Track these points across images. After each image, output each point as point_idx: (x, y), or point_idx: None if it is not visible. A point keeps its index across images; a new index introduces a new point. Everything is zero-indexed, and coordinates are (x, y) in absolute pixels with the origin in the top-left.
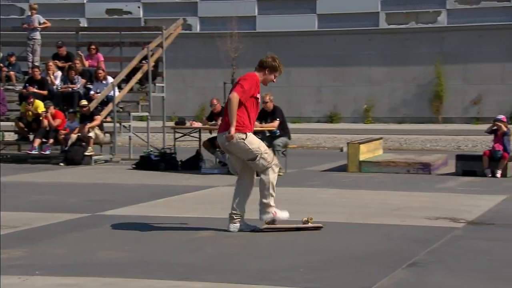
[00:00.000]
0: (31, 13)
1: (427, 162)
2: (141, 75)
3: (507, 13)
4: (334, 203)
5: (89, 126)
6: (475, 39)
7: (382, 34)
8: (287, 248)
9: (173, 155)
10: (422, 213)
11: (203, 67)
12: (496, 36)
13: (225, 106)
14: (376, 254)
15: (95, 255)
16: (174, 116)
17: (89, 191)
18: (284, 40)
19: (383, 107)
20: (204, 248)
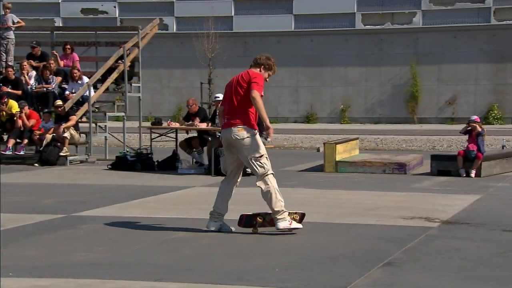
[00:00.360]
0: (5, 12)
1: (403, 162)
2: (117, 75)
3: (481, 14)
4: (310, 203)
5: (64, 126)
6: (449, 40)
7: (358, 34)
8: (262, 248)
9: (149, 156)
10: (397, 213)
11: (179, 67)
12: (470, 37)
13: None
14: (351, 254)
15: (70, 256)
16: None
17: (64, 192)
18: (261, 40)
19: (359, 108)
20: (180, 248)
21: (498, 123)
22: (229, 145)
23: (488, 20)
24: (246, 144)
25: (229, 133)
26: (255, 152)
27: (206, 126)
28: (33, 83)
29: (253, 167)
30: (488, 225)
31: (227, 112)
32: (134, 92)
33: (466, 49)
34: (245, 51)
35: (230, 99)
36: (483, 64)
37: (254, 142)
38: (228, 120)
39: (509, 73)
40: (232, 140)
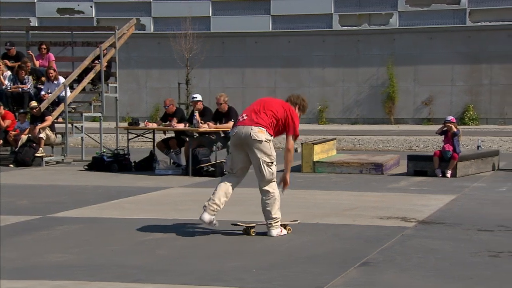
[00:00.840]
0: None
1: (380, 163)
2: (94, 75)
3: (456, 15)
4: (287, 203)
5: (40, 127)
6: (426, 41)
7: (335, 35)
8: (240, 249)
9: (126, 156)
10: (374, 213)
11: (157, 67)
12: (446, 38)
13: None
14: (328, 254)
15: (45, 258)
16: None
17: (40, 193)
18: (239, 40)
19: (336, 108)
20: (157, 249)
21: (474, 123)
22: (243, 143)
23: (463, 22)
24: (262, 147)
25: (248, 131)
26: (268, 157)
27: (184, 126)
28: (8, 83)
29: (262, 170)
30: (464, 225)
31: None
32: (111, 93)
33: (442, 50)
34: (223, 51)
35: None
36: (458, 65)
37: (269, 147)
38: (248, 118)
39: (484, 74)
40: (249, 139)
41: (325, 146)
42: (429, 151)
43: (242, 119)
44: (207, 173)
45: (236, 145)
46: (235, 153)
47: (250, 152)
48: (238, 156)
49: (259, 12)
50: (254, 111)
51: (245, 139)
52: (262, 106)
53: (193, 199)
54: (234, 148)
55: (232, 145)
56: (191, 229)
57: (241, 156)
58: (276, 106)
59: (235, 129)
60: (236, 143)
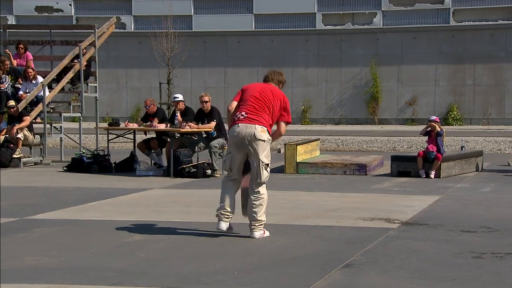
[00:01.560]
0: None
1: (363, 163)
2: (73, 75)
3: (440, 15)
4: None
5: (17, 127)
6: (409, 40)
7: (319, 35)
8: (221, 251)
9: (106, 157)
10: (357, 214)
11: (137, 66)
12: (430, 38)
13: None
14: (310, 256)
15: (22, 261)
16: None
17: (17, 194)
18: (221, 40)
19: (320, 108)
20: (136, 252)
21: (457, 124)
22: (244, 142)
23: (447, 21)
24: (263, 147)
25: (252, 130)
26: (266, 158)
27: (165, 127)
28: None
29: (259, 171)
30: (447, 226)
31: (249, 109)
32: (90, 92)
33: (425, 50)
34: (205, 50)
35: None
36: (442, 65)
37: (268, 149)
38: (249, 116)
39: (467, 74)
40: (252, 138)
41: (308, 146)
42: (413, 152)
43: (242, 117)
44: (188, 174)
45: (237, 144)
46: (235, 152)
47: (250, 152)
48: (238, 155)
49: (241, 11)
50: (255, 109)
51: (248, 138)
52: (261, 103)
53: (174, 201)
54: (235, 147)
55: (232, 144)
56: (172, 231)
57: (241, 155)
58: (274, 100)
59: (236, 127)
60: (237, 142)
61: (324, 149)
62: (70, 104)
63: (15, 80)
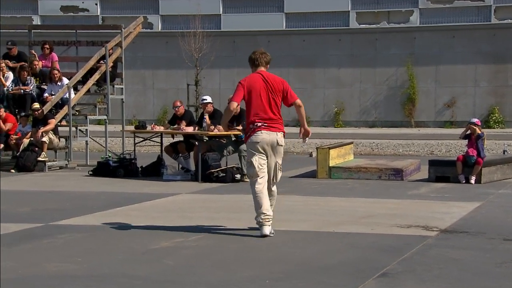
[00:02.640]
0: None
1: (399, 168)
2: (99, 76)
3: (480, 13)
4: (300, 210)
5: (42, 130)
6: (447, 39)
7: (352, 34)
8: (250, 258)
9: (132, 161)
10: (393, 221)
11: (164, 67)
12: (470, 36)
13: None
14: (344, 264)
15: (46, 268)
16: (134, 120)
17: (42, 199)
18: (250, 40)
19: (353, 110)
20: (163, 259)
21: (499, 126)
22: (267, 148)
23: (488, 19)
24: (282, 151)
25: (275, 137)
26: (281, 160)
27: (193, 130)
28: (9, 85)
29: (277, 173)
30: (488, 234)
31: (265, 117)
32: (116, 94)
33: (464, 49)
34: (234, 51)
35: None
36: (482, 65)
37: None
38: (269, 124)
39: (510, 74)
40: (276, 145)
41: (341, 150)
42: (451, 156)
43: (263, 125)
44: (217, 179)
45: (262, 150)
46: (260, 158)
47: (270, 156)
48: (262, 160)
49: (272, 10)
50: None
51: (271, 145)
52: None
53: (202, 206)
54: (259, 153)
55: (256, 150)
56: (200, 238)
57: (264, 159)
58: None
59: (260, 134)
60: (261, 148)
61: (358, 153)
62: (96, 106)
63: (41, 82)
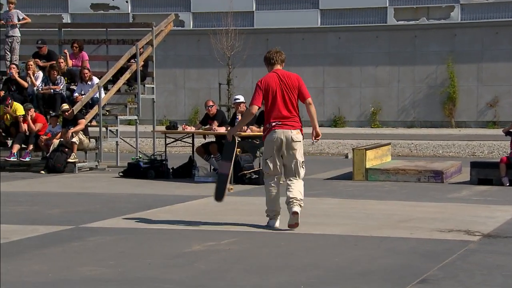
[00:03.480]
0: (9, 8)
1: (439, 170)
2: (129, 76)
3: None
4: (336, 214)
5: (72, 131)
6: (490, 36)
7: (390, 30)
8: (285, 263)
9: (163, 162)
10: (433, 225)
11: (196, 66)
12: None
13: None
14: (382, 270)
15: (77, 271)
16: (165, 120)
17: (72, 201)
18: (284, 37)
19: (391, 110)
20: (195, 263)
21: None
22: (283, 146)
23: None
24: (300, 147)
25: (290, 134)
26: (302, 156)
27: (225, 130)
28: (39, 84)
29: (298, 169)
30: None
31: (279, 116)
32: (147, 94)
33: (508, 47)
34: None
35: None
36: None
37: (302, 147)
38: (283, 123)
39: None
40: (291, 142)
41: (378, 151)
42: (494, 158)
43: (276, 124)
44: (250, 181)
45: (277, 149)
46: (276, 157)
47: (289, 153)
48: (278, 160)
49: (306, 6)
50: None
51: (287, 142)
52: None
53: (234, 209)
54: (276, 152)
55: (272, 149)
56: (233, 242)
57: (279, 159)
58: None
59: (274, 133)
60: (276, 147)
61: (396, 154)
62: (126, 106)
63: (71, 82)
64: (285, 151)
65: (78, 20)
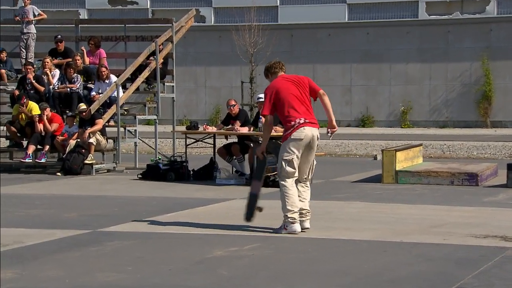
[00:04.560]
0: (25, 4)
1: (474, 172)
2: (148, 74)
3: None
4: (364, 218)
5: (89, 131)
6: None
7: (421, 26)
8: (311, 269)
9: (184, 164)
10: (467, 231)
11: (217, 64)
12: None
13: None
14: (414, 277)
15: (94, 277)
16: (185, 120)
17: (89, 204)
18: (309, 33)
19: (422, 109)
20: (218, 269)
21: None
22: (307, 145)
23: None
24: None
25: (316, 133)
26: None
27: (248, 130)
28: (55, 83)
29: (312, 168)
30: None
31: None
32: (167, 93)
33: None
34: (292, 45)
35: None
36: None
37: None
38: (308, 119)
39: None
40: (315, 140)
41: (409, 153)
42: None
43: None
44: (274, 184)
45: (304, 147)
46: (299, 156)
47: (309, 152)
48: (299, 158)
49: (333, 0)
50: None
51: (313, 141)
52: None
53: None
54: (302, 150)
55: (299, 148)
56: (256, 247)
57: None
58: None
59: (303, 130)
60: (305, 145)
61: (428, 155)
62: (145, 105)
63: (88, 80)
64: (309, 150)
65: (96, 16)
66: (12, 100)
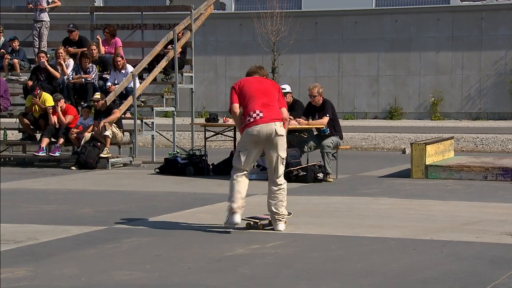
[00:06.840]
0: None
1: (509, 167)
2: (166, 63)
3: None
4: (393, 215)
5: (105, 121)
6: None
7: (453, 12)
8: (336, 268)
9: (203, 158)
10: (502, 228)
11: (238, 53)
12: None
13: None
14: (445, 277)
15: (111, 275)
16: (205, 112)
17: (105, 200)
18: (335, 21)
19: (454, 101)
20: (239, 267)
21: None
22: (263, 141)
23: None
24: (283, 142)
25: (273, 127)
26: (284, 152)
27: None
28: (70, 73)
29: (278, 166)
30: None
31: (262, 106)
32: (185, 83)
33: None
34: (316, 33)
35: (264, 94)
36: None
37: (285, 143)
38: (265, 114)
39: None
40: (273, 135)
41: (440, 146)
42: None
43: (259, 116)
44: (296, 178)
45: (256, 143)
46: (253, 150)
47: (269, 149)
48: (255, 154)
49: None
50: (267, 105)
51: (269, 136)
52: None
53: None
54: (254, 145)
55: (250, 142)
56: (279, 245)
57: (256, 153)
58: (273, 92)
59: (256, 127)
60: (257, 140)
61: (459, 149)
62: (163, 96)
63: (103, 70)
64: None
65: (111, 3)
66: (25, 91)
